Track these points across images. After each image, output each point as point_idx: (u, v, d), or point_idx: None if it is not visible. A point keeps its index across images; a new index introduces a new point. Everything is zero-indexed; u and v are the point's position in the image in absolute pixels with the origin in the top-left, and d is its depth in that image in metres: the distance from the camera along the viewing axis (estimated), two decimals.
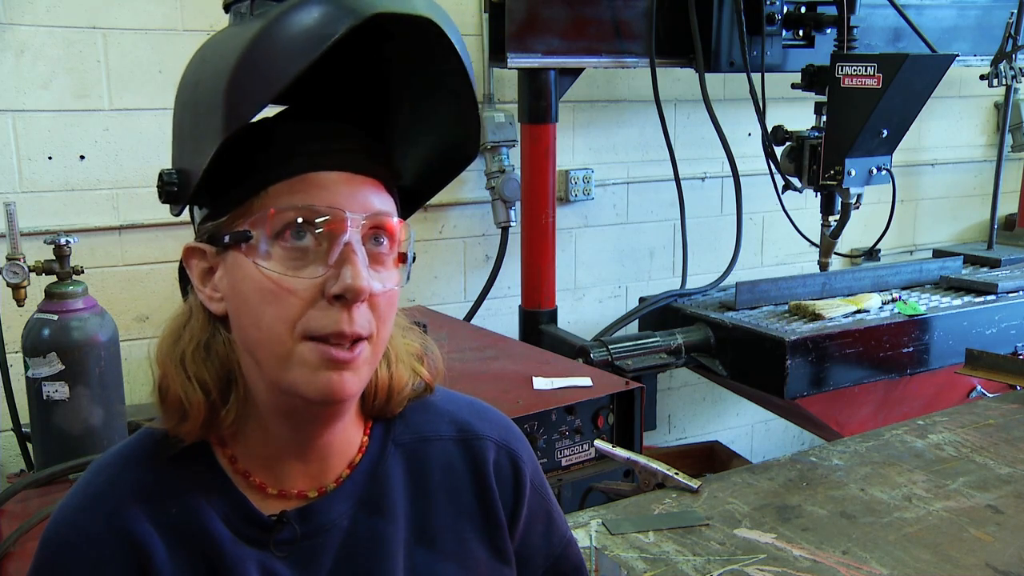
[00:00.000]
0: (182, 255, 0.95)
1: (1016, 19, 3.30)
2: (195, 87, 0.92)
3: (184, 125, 0.94)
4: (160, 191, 0.93)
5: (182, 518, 0.93)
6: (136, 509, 0.92)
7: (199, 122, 0.89)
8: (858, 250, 3.73)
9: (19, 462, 2.49)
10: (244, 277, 0.89)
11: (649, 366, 2.82)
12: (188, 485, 0.94)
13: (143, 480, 0.94)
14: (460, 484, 1.04)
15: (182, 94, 0.95)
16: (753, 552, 1.60)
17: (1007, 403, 2.31)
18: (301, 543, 0.95)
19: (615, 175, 3.47)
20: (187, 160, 0.92)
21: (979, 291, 3.24)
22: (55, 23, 2.54)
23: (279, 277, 0.87)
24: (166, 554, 0.91)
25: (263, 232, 0.87)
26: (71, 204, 2.63)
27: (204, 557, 0.92)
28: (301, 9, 0.83)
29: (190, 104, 0.92)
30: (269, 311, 0.87)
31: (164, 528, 0.92)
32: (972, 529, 1.67)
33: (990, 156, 4.30)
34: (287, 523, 0.95)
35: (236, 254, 0.89)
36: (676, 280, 3.37)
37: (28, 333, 2.06)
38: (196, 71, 0.94)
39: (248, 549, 0.93)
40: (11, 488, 1.97)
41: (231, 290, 0.91)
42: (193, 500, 0.93)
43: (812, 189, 3.01)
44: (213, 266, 0.92)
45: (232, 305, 0.91)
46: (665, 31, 3.02)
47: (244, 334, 0.91)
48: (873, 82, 2.71)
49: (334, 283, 0.86)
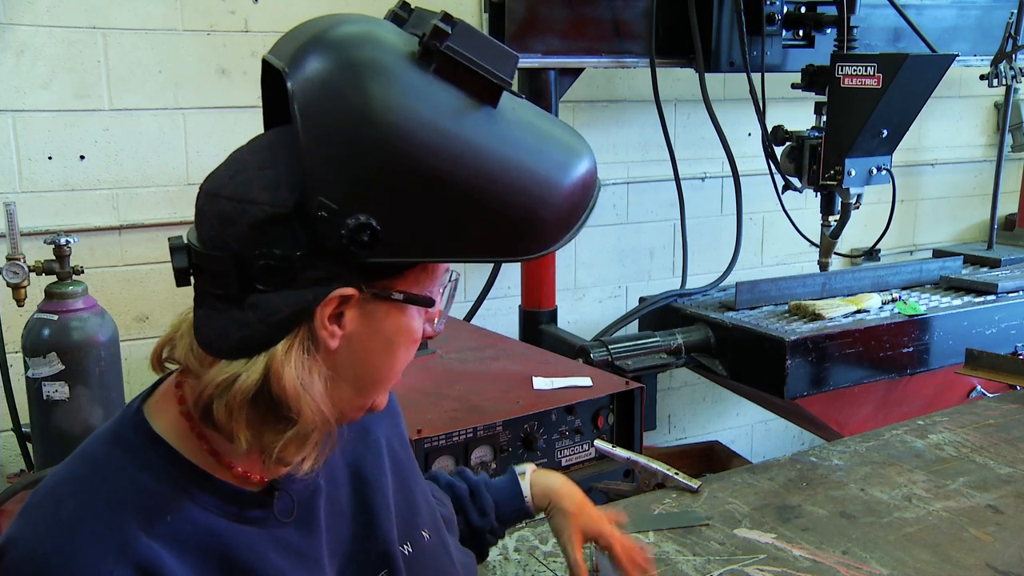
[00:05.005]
0: (337, 296, 0.87)
1: (1016, 19, 3.30)
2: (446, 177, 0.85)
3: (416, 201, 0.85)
4: (342, 241, 0.84)
5: (179, 523, 0.89)
6: (131, 526, 0.86)
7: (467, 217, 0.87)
8: (858, 250, 3.73)
9: (19, 462, 2.50)
10: (396, 327, 0.93)
11: (649, 366, 2.82)
12: (166, 488, 0.90)
13: (123, 495, 0.89)
14: (388, 431, 1.17)
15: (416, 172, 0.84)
16: (753, 552, 1.60)
17: (1007, 403, 2.30)
18: (298, 507, 0.99)
19: (615, 175, 3.47)
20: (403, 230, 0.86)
21: (979, 291, 3.24)
22: (55, 23, 2.54)
23: (420, 328, 0.96)
24: (179, 566, 0.87)
25: (429, 294, 0.94)
26: (71, 204, 2.63)
27: (218, 555, 0.91)
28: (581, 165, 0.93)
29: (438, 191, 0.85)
30: (405, 355, 0.96)
31: (166, 540, 0.87)
32: (972, 529, 1.67)
33: (990, 156, 4.30)
34: (281, 491, 0.97)
35: (392, 305, 0.92)
36: (676, 280, 3.37)
37: (28, 333, 2.06)
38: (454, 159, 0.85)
39: (252, 530, 0.94)
40: (11, 488, 1.97)
41: (367, 334, 0.91)
42: (179, 501, 0.90)
43: (812, 189, 3.01)
44: (348, 307, 0.89)
45: (360, 345, 0.92)
46: (665, 31, 3.02)
47: (366, 371, 0.94)
48: (873, 82, 2.71)
49: (430, 328, 0.99)
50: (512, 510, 1.39)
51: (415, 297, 0.92)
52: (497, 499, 1.39)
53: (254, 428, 0.89)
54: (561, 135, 0.94)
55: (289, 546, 0.96)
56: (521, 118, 0.91)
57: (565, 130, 0.96)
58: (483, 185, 0.86)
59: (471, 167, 0.85)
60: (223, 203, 0.87)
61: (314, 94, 0.84)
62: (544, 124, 0.94)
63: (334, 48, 0.86)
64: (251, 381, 0.87)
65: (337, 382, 0.92)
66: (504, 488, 1.40)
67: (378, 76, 0.85)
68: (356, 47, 0.86)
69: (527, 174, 0.88)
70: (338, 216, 0.83)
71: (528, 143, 0.90)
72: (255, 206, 0.85)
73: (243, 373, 0.87)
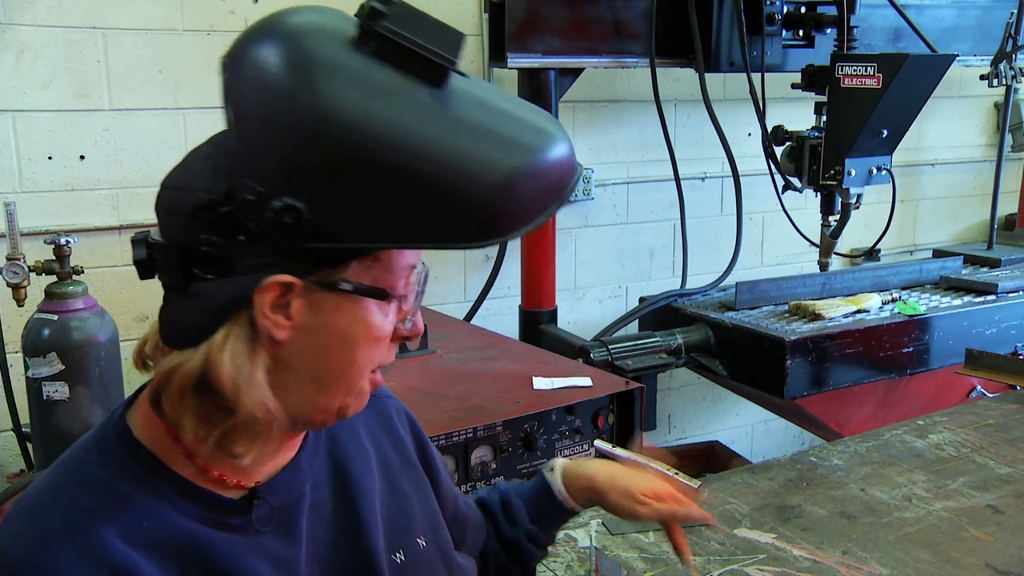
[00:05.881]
0: (271, 283, 0.85)
1: (1016, 19, 3.30)
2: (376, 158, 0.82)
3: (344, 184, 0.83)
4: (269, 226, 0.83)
5: (158, 530, 0.88)
6: (108, 533, 0.86)
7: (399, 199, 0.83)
8: (858, 250, 3.73)
9: (19, 462, 2.50)
10: (349, 321, 0.90)
11: (649, 366, 2.82)
12: (145, 495, 0.89)
13: (101, 502, 0.88)
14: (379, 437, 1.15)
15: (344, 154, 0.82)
16: (753, 552, 1.60)
17: (1007, 403, 2.31)
18: (278, 514, 0.97)
19: (615, 175, 3.47)
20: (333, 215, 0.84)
21: (979, 291, 3.24)
22: (55, 23, 2.54)
23: (382, 325, 0.92)
24: (156, 572, 0.87)
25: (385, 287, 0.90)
26: (71, 204, 2.63)
27: (196, 562, 0.90)
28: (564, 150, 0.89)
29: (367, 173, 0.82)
30: (365, 353, 0.92)
31: (143, 546, 0.87)
32: (972, 529, 1.67)
33: (990, 156, 4.30)
34: (260, 499, 0.96)
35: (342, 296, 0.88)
36: (676, 280, 3.37)
37: (28, 333, 2.06)
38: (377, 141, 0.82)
39: (232, 537, 0.93)
40: (11, 488, 1.97)
41: (318, 326, 0.89)
42: (158, 508, 0.89)
43: (812, 189, 3.01)
44: (292, 297, 0.87)
45: (312, 339, 0.89)
46: (665, 31, 3.02)
47: (321, 366, 0.91)
48: (873, 82, 2.71)
49: (403, 327, 0.95)
50: (545, 509, 1.32)
51: (365, 288, 0.88)
52: (526, 501, 1.33)
53: (200, 418, 0.89)
54: (523, 118, 0.89)
55: (268, 554, 0.95)
56: (475, 99, 0.87)
57: (531, 113, 0.91)
58: (418, 167, 0.82)
59: (405, 149, 0.82)
60: (168, 193, 0.89)
61: (243, 80, 0.85)
62: (504, 106, 0.89)
63: (268, 34, 0.86)
64: (190, 369, 0.87)
65: (292, 377, 0.91)
66: (532, 488, 1.34)
67: (306, 58, 0.83)
68: (290, 32, 0.85)
69: (471, 156, 0.83)
70: (264, 200, 0.83)
71: (476, 125, 0.85)
72: (193, 194, 0.86)
73: (185, 362, 0.88)
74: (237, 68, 0.85)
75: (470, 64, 3.02)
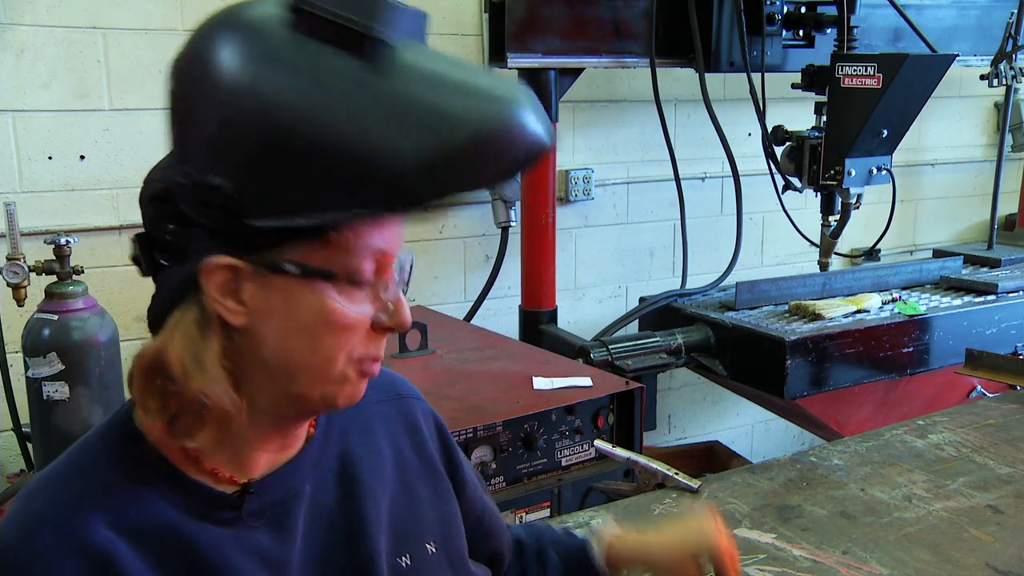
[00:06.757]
0: (210, 267, 0.87)
1: (1016, 19, 3.30)
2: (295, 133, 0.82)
3: (265, 160, 0.83)
4: (200, 208, 0.85)
5: (144, 519, 0.90)
6: (93, 519, 0.87)
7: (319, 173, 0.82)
8: (858, 250, 3.73)
9: (19, 462, 2.50)
10: (306, 306, 0.88)
11: (649, 366, 2.82)
12: (137, 484, 0.91)
13: (90, 489, 0.90)
14: (399, 438, 1.13)
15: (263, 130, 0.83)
16: (753, 552, 1.60)
17: (1007, 403, 2.30)
18: (271, 510, 0.97)
19: (615, 175, 3.47)
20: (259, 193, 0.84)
21: (979, 291, 3.24)
22: (55, 23, 2.54)
23: (344, 312, 0.89)
24: (138, 561, 0.88)
25: (342, 271, 0.88)
26: (71, 204, 2.63)
27: (179, 553, 0.90)
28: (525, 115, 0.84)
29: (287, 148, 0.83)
30: (329, 340, 0.90)
31: (128, 533, 0.88)
32: (972, 529, 1.67)
33: (990, 156, 4.30)
34: (252, 494, 0.96)
35: (294, 281, 0.87)
36: (676, 280, 3.37)
37: (28, 333, 2.06)
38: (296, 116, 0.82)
39: (220, 530, 0.93)
40: (11, 488, 1.97)
41: (275, 312, 0.89)
42: (148, 498, 0.91)
43: (812, 189, 3.01)
44: (242, 281, 0.87)
45: (272, 326, 0.89)
46: (665, 31, 3.02)
47: (283, 354, 0.90)
48: (873, 82, 2.71)
49: (385, 317, 0.93)
50: (580, 574, 1.27)
51: (311, 270, 0.87)
52: (563, 558, 1.29)
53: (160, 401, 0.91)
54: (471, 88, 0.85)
55: (257, 549, 0.94)
56: (418, 71, 0.84)
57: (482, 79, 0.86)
58: (337, 144, 0.81)
59: (325, 126, 0.81)
60: (142, 187, 0.93)
61: (175, 68, 0.88)
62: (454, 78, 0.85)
63: (207, 22, 0.87)
64: (149, 353, 0.90)
65: (259, 366, 0.91)
66: (569, 548, 1.30)
67: (231, 39, 0.84)
68: (226, 16, 0.86)
69: (392, 131, 0.81)
70: (195, 183, 0.85)
71: (407, 98, 0.82)
72: (152, 184, 0.91)
73: (146, 347, 0.91)
74: (175, 59, 0.88)
75: None
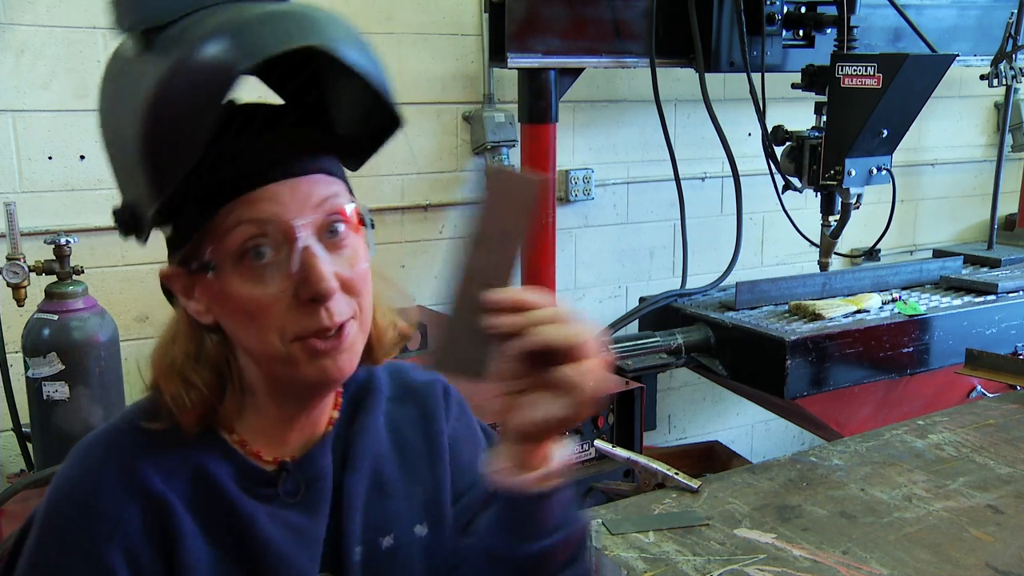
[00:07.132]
0: (161, 276, 0.97)
1: (1016, 19, 3.29)
2: (115, 131, 0.89)
3: (118, 161, 0.91)
4: (119, 229, 0.94)
5: (193, 476, 0.96)
6: (148, 468, 0.94)
7: (130, 168, 0.87)
8: (858, 250, 3.73)
9: (19, 462, 2.49)
10: (223, 298, 0.93)
11: (649, 366, 2.82)
12: (190, 449, 0.97)
13: (146, 445, 0.96)
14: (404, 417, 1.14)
15: (106, 131, 0.91)
16: (753, 552, 1.60)
17: (1007, 403, 2.30)
18: (304, 490, 1.02)
19: (615, 175, 3.47)
20: (132, 194, 0.91)
21: (979, 291, 3.24)
22: (55, 23, 2.54)
23: (250, 296, 0.91)
24: (185, 511, 0.94)
25: (226, 257, 0.91)
26: (71, 204, 2.63)
27: (220, 512, 0.97)
28: (198, 55, 0.81)
29: (117, 144, 0.90)
30: (253, 325, 0.93)
31: (177, 486, 0.95)
32: (972, 529, 1.67)
33: (990, 156, 4.30)
34: (288, 472, 1.01)
35: (210, 276, 0.92)
36: (676, 280, 3.37)
37: (28, 333, 2.06)
38: (113, 110, 0.90)
39: (257, 504, 0.98)
40: (11, 488, 1.97)
41: (214, 306, 0.95)
42: (200, 460, 0.97)
43: (812, 189, 3.01)
44: (191, 284, 0.95)
45: (220, 318, 0.96)
46: (665, 31, 3.02)
47: (239, 341, 0.97)
48: (873, 82, 2.71)
49: (304, 288, 0.90)
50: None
51: (203, 264, 0.92)
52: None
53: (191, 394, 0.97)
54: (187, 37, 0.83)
55: (289, 524, 1.00)
56: (176, 40, 0.83)
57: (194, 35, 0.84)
58: (110, 137, 0.90)
59: (108, 124, 0.90)
60: None
61: None
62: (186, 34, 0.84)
63: None
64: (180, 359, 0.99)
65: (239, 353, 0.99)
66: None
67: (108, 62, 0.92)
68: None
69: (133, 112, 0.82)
70: (113, 209, 0.95)
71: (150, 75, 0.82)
72: None
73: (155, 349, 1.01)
74: None
75: (470, 64, 3.02)
